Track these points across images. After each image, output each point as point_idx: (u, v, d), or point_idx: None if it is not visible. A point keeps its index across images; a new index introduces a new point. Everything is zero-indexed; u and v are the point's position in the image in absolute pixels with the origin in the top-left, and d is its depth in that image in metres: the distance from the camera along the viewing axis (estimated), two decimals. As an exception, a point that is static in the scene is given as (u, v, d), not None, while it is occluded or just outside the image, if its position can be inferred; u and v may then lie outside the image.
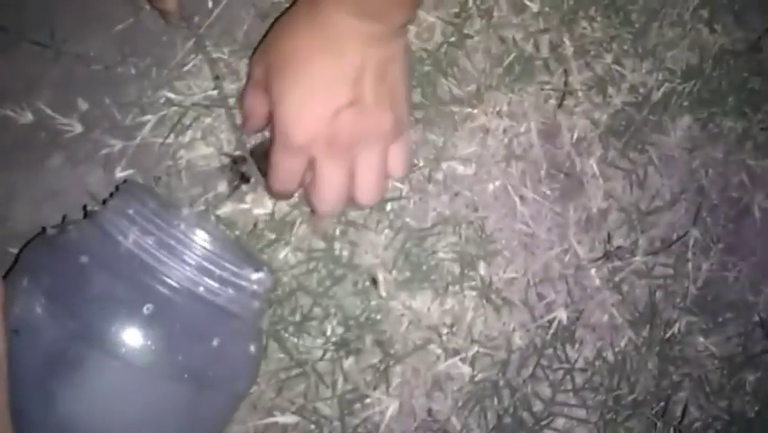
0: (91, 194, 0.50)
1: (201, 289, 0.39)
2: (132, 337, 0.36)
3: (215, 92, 0.51)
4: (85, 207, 0.43)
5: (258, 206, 0.51)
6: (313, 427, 0.50)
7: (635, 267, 0.50)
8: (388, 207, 0.51)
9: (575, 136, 0.51)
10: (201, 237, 0.39)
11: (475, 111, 0.50)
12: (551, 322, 0.49)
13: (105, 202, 0.42)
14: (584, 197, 0.51)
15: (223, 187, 0.51)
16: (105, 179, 0.50)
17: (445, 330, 0.50)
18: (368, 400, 0.50)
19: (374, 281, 0.50)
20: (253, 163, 0.50)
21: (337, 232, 0.51)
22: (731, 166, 0.53)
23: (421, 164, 0.51)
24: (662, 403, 0.50)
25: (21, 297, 0.37)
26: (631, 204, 0.51)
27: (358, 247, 0.51)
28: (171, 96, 0.51)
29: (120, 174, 0.50)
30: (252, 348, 0.42)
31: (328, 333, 0.50)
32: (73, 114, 0.50)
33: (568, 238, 0.51)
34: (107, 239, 0.39)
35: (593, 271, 0.50)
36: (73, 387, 0.35)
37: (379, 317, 0.50)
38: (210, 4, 0.51)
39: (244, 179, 0.51)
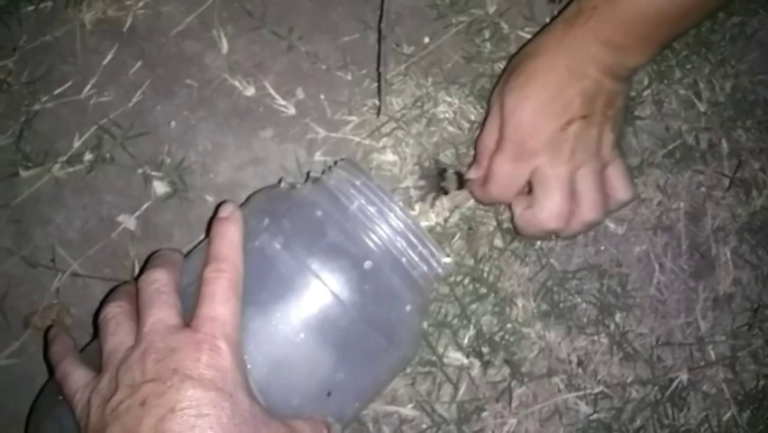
0: (288, 169, 0.48)
1: (404, 259, 0.38)
2: (352, 283, 0.35)
3: (413, 111, 0.50)
4: (308, 174, 0.42)
5: (423, 218, 0.49)
6: (426, 425, 0.46)
7: (750, 351, 0.47)
8: (537, 244, 0.48)
9: (716, 224, 0.49)
10: (411, 219, 0.39)
11: (635, 180, 0.49)
12: (670, 382, 0.46)
13: (327, 170, 0.41)
14: (714, 279, 0.48)
15: (400, 192, 0.48)
16: (305, 160, 0.49)
17: (572, 366, 0.46)
18: (484, 414, 0.46)
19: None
20: (453, 179, 0.49)
21: (487, 255, 0.48)
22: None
23: (575, 215, 0.49)
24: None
25: (263, 234, 0.36)
26: (754, 295, 0.48)
27: (503, 273, 0.48)
28: (376, 105, 0.49)
29: (318, 158, 0.49)
30: (425, 325, 0.40)
31: (464, 342, 0.46)
32: (291, 99, 0.50)
33: (694, 312, 0.48)
34: (336, 202, 0.38)
35: (710, 346, 0.47)
36: (294, 310, 0.34)
37: (512, 339, 0.47)
38: (426, 40, 0.51)
39: (443, 191, 0.50)
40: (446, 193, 0.49)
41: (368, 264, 0.35)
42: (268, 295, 0.34)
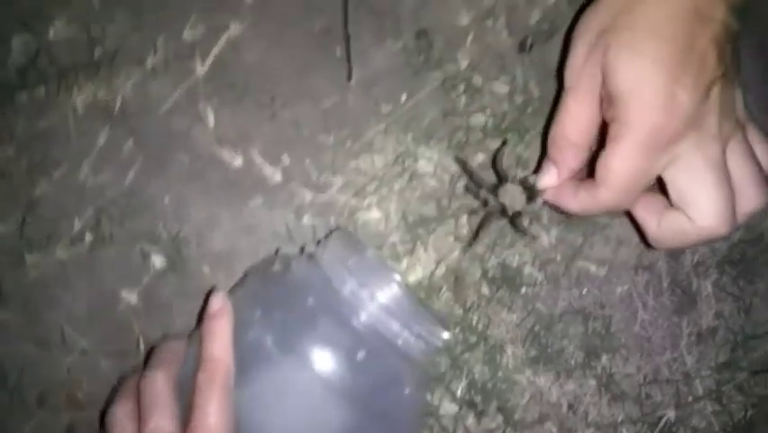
0: (279, 235, 0.49)
1: (400, 341, 0.37)
2: (346, 376, 0.35)
3: (395, 168, 0.50)
4: (302, 249, 0.44)
5: (410, 272, 0.50)
6: (427, 475, 0.47)
7: (736, 383, 0.48)
8: (523, 290, 0.49)
9: (695, 259, 0.49)
10: (406, 296, 0.38)
11: (612, 221, 0.49)
12: (659, 419, 0.46)
13: (319, 243, 0.41)
14: (696, 313, 0.49)
15: (387, 248, 0.49)
16: (295, 224, 0.50)
17: (563, 410, 0.47)
18: (481, 460, 0.47)
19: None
20: (517, 192, 0.41)
21: (475, 304, 0.49)
22: (825, 309, 0.50)
23: (558, 259, 0.49)
24: None
25: (255, 327, 0.36)
26: (737, 326, 0.49)
27: (492, 321, 0.49)
28: (359, 165, 0.50)
29: (306, 222, 0.50)
30: (428, 397, 0.40)
31: (458, 393, 0.47)
32: (277, 165, 0.51)
33: (679, 347, 0.48)
34: (328, 285, 0.38)
35: (698, 380, 0.48)
36: (289, 405, 0.35)
37: (504, 386, 0.48)
38: (403, 98, 0.51)
39: (506, 213, 0.41)
40: (511, 216, 0.40)
41: (361, 355, 0.35)
42: (262, 390, 0.35)
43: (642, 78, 0.32)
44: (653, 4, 0.33)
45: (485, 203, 0.42)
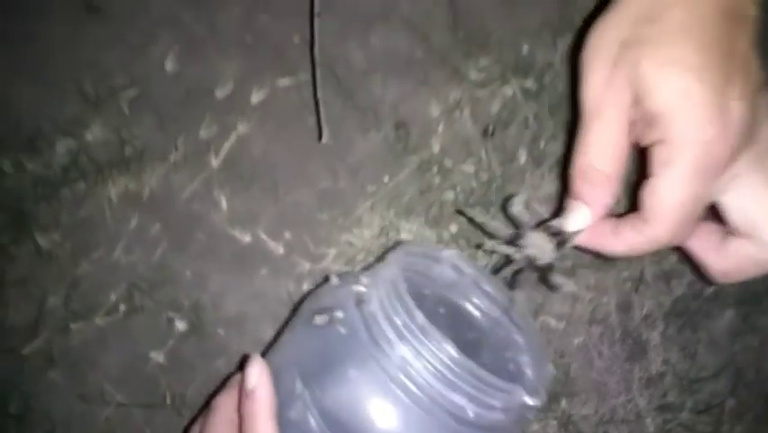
0: (282, 300, 0.57)
1: (471, 414, 0.32)
2: None
3: (380, 239, 0.58)
4: (357, 295, 0.38)
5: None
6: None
7: (682, 421, 0.54)
8: (495, 343, 0.56)
9: (644, 312, 0.56)
10: (468, 364, 0.31)
11: (566, 282, 0.56)
12: (614, 455, 0.53)
13: (370, 269, 0.42)
14: (646, 360, 0.55)
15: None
16: (295, 291, 0.58)
17: (530, 448, 0.53)
18: (461, 493, 0.53)
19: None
20: (544, 240, 0.35)
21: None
22: (765, 352, 0.56)
23: (523, 315, 0.56)
24: None
25: (296, 403, 0.34)
26: (683, 371, 0.55)
27: (468, 370, 0.56)
28: (349, 239, 0.58)
29: (305, 288, 0.58)
30: None
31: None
32: (280, 241, 0.59)
33: (632, 391, 0.55)
34: (375, 346, 0.33)
35: (649, 419, 0.54)
36: None
37: (478, 428, 0.54)
38: (386, 179, 0.60)
39: (538, 268, 0.36)
40: (542, 269, 0.34)
41: None
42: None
43: (686, 92, 0.28)
44: (679, 7, 0.29)
45: (508, 259, 0.38)
